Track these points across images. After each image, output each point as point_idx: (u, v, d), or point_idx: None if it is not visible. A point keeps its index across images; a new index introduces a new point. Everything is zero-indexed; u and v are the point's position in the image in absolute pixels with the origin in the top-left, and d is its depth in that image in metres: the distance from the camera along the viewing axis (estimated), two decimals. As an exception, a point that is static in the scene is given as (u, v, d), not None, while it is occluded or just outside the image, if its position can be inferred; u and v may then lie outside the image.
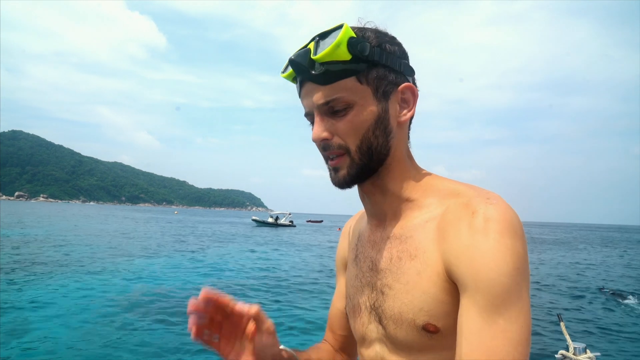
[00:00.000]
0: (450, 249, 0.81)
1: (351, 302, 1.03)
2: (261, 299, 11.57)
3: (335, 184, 0.93)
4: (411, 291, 0.86)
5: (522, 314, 0.73)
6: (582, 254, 32.50)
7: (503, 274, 0.74)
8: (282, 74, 0.95)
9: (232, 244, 29.12)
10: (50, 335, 7.70)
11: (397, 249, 0.91)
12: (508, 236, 0.76)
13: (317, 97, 0.87)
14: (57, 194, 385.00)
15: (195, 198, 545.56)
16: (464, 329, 0.76)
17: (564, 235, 75.46)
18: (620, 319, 11.54)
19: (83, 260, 17.17)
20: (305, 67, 0.86)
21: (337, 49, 0.83)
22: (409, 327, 0.86)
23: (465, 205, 0.84)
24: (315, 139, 0.89)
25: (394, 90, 0.91)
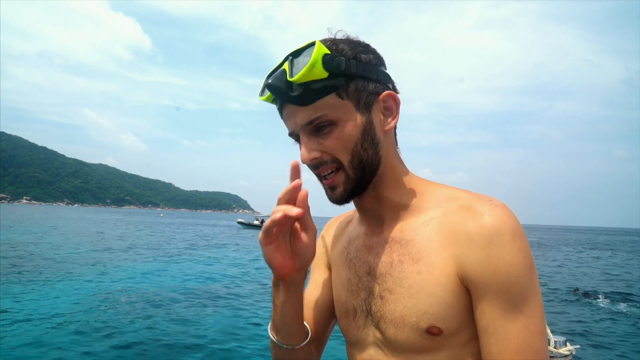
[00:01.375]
0: (464, 253, 0.82)
1: (343, 305, 1.02)
2: (247, 299, 11.39)
3: (333, 202, 0.93)
4: (415, 295, 0.86)
5: (538, 307, 0.80)
6: (560, 255, 32.93)
7: (521, 275, 0.79)
8: (261, 97, 0.94)
9: (217, 247, 28.78)
10: (22, 342, 7.47)
11: (397, 253, 0.91)
12: (518, 237, 0.80)
13: (300, 118, 0.86)
14: (41, 196, 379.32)
15: (182, 200, 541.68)
16: (491, 329, 0.80)
17: (547, 237, 76.36)
18: (592, 316, 12.07)
19: (62, 264, 16.82)
20: (284, 90, 0.85)
21: (313, 69, 0.82)
22: (412, 330, 0.86)
23: (468, 208, 0.85)
24: (305, 160, 0.87)
25: (376, 100, 0.91)
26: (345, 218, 1.16)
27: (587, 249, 43.85)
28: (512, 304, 0.79)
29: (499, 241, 0.79)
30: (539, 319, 0.80)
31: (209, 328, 8.82)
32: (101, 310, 9.86)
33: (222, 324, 9.15)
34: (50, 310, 9.74)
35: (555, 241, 60.26)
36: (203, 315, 9.92)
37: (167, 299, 11.38)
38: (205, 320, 9.43)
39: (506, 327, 0.79)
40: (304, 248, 0.92)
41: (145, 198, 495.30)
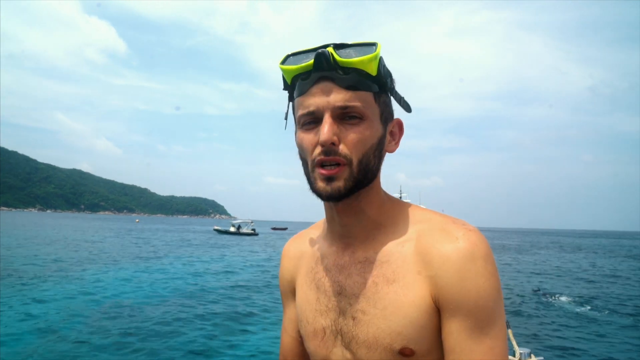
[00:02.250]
0: (438, 274, 0.84)
1: (310, 325, 1.00)
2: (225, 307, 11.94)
3: (322, 194, 0.88)
4: (389, 316, 0.86)
5: (502, 329, 0.83)
6: (529, 257, 34.32)
7: (490, 299, 0.82)
8: (284, 64, 0.91)
9: (193, 254, 29.24)
10: None
11: (371, 274, 0.91)
12: (490, 262, 0.83)
13: (337, 98, 0.85)
14: (11, 203, 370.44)
15: (157, 206, 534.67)
16: (457, 349, 0.82)
17: (514, 240, 78.28)
18: (556, 318, 12.53)
19: (36, 271, 17.13)
20: (332, 65, 0.84)
21: (372, 61, 0.84)
22: (384, 351, 0.86)
23: (442, 230, 0.87)
24: (327, 139, 0.84)
25: (391, 120, 0.95)
26: (306, 237, 1.13)
27: (563, 252, 45.29)
28: (479, 326, 0.81)
29: (472, 265, 0.82)
30: (503, 341, 0.82)
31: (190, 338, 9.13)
32: (79, 318, 10.31)
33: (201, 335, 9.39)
34: (25, 318, 10.15)
35: (530, 244, 62.05)
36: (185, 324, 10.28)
37: (145, 308, 11.91)
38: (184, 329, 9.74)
39: (472, 348, 0.80)
40: None
41: (120, 204, 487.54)
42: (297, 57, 0.90)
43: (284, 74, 0.93)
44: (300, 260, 1.11)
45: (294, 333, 1.13)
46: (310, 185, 0.91)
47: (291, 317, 1.15)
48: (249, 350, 8.50)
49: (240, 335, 9.52)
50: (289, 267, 1.14)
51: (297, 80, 0.91)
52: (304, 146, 0.90)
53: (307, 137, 0.89)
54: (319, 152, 0.86)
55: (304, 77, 0.88)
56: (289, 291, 1.15)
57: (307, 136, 0.89)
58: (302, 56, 0.89)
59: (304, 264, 1.08)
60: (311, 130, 0.88)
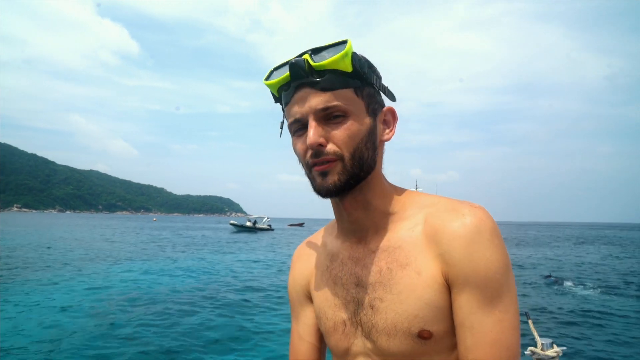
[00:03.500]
0: (447, 251, 0.86)
1: (330, 320, 1.02)
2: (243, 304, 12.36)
3: (321, 190, 0.91)
4: (405, 300, 0.88)
5: (513, 304, 0.84)
6: (544, 250, 34.54)
7: (498, 272, 0.83)
8: (266, 81, 0.95)
9: (211, 250, 29.91)
10: (25, 346, 7.81)
11: (385, 261, 0.93)
12: (497, 237, 0.85)
13: (316, 102, 0.87)
14: (32, 204, 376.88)
15: (174, 205, 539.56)
16: (467, 323, 0.83)
17: (538, 234, 77.77)
18: (569, 304, 12.38)
19: (65, 268, 17.61)
20: (307, 72, 0.87)
21: (344, 59, 0.86)
22: (404, 336, 0.88)
23: (450, 210, 0.90)
24: (312, 143, 0.87)
25: (380, 110, 0.97)
26: (316, 241, 1.15)
27: (577, 245, 44.68)
28: (488, 299, 0.82)
29: (479, 239, 0.84)
30: (513, 314, 0.83)
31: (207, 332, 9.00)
32: (103, 313, 10.24)
33: (222, 329, 9.25)
34: (49, 314, 10.06)
35: (548, 238, 61.83)
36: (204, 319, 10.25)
37: (171, 303, 12.31)
38: (204, 324, 9.59)
39: (481, 321, 0.82)
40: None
41: (137, 203, 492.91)
42: (278, 70, 0.93)
43: (270, 90, 0.97)
44: (312, 263, 1.12)
45: (312, 339, 1.12)
46: (312, 186, 0.94)
47: (307, 322, 1.13)
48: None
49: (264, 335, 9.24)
50: (302, 272, 1.15)
51: (281, 91, 0.94)
52: (298, 151, 0.94)
53: (299, 142, 0.93)
54: (310, 155, 0.90)
55: (285, 87, 0.92)
56: (303, 296, 1.14)
57: (299, 141, 0.93)
58: (283, 69, 0.92)
59: (319, 265, 1.09)
60: (301, 136, 0.92)
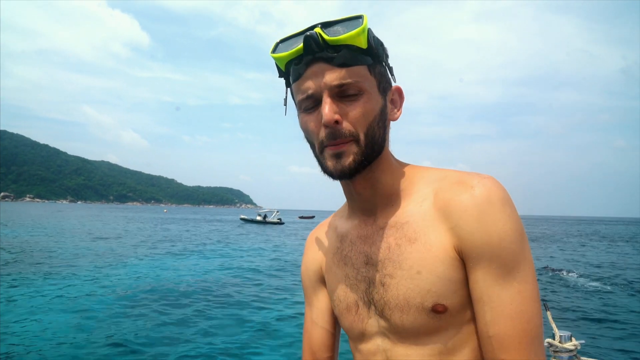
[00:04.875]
0: (458, 224, 0.84)
1: (343, 302, 1.01)
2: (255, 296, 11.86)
3: (335, 172, 0.89)
4: (416, 275, 0.87)
5: (530, 273, 0.81)
6: (552, 246, 33.33)
7: (512, 241, 0.80)
8: (275, 53, 0.91)
9: (221, 243, 29.41)
10: (38, 335, 7.85)
11: (393, 237, 0.92)
12: (508, 205, 0.83)
13: (332, 77, 0.85)
14: (44, 194, 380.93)
15: (184, 196, 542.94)
16: (485, 297, 0.81)
17: (552, 229, 76.56)
18: (571, 296, 12.23)
19: (75, 259, 17.29)
20: (321, 46, 0.84)
21: (361, 35, 0.84)
22: (417, 311, 0.87)
23: (459, 183, 0.88)
24: (329, 120, 0.84)
25: (389, 89, 0.95)
26: (327, 225, 1.16)
27: (593, 241, 44.05)
28: (505, 270, 0.80)
29: (489, 209, 0.82)
30: (532, 284, 0.81)
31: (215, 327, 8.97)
32: (118, 304, 10.28)
33: (229, 324, 9.24)
34: (62, 304, 10.13)
35: (560, 234, 60.60)
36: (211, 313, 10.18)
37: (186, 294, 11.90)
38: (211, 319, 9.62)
39: (499, 294, 0.80)
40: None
41: (148, 194, 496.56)
42: (286, 43, 0.90)
43: (276, 62, 0.93)
44: (325, 246, 1.12)
45: (326, 324, 1.12)
46: (321, 167, 0.92)
47: (321, 308, 1.13)
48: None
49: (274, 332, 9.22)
50: (314, 257, 1.15)
51: (290, 65, 0.90)
52: (309, 129, 0.91)
53: (310, 119, 0.90)
54: (325, 135, 0.87)
55: (297, 61, 0.88)
56: (317, 280, 1.14)
57: (310, 118, 0.90)
58: (292, 41, 0.89)
59: (330, 248, 1.09)
60: (313, 112, 0.89)
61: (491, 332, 0.81)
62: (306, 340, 1.16)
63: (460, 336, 0.87)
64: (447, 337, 0.87)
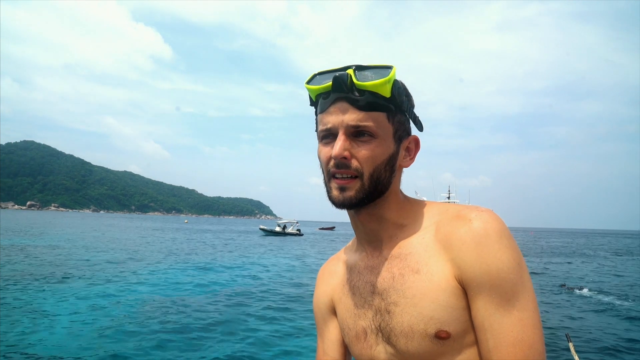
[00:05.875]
0: (458, 256, 0.89)
1: (352, 330, 1.06)
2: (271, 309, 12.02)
3: (337, 202, 0.97)
4: (419, 303, 0.91)
5: (530, 301, 0.85)
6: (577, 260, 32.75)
7: (510, 272, 0.84)
8: (309, 84, 1.00)
9: (242, 254, 29.73)
10: (58, 341, 8.14)
11: (397, 267, 0.97)
12: (505, 237, 0.87)
13: (351, 118, 0.92)
14: (68, 203, 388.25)
15: (205, 206, 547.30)
16: (486, 325, 0.85)
17: (577, 242, 75.07)
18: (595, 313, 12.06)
19: (100, 268, 17.81)
20: (348, 87, 0.92)
21: (386, 85, 0.92)
22: (421, 337, 0.90)
23: (457, 216, 0.94)
24: (338, 154, 0.92)
25: (405, 138, 1.02)
26: (337, 257, 1.22)
27: (619, 255, 43.10)
28: (504, 299, 0.84)
29: (487, 242, 0.86)
30: (532, 312, 0.84)
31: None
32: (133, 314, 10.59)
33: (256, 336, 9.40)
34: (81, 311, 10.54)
35: (582, 247, 59.39)
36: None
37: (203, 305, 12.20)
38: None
39: (500, 322, 0.83)
40: None
41: (169, 204, 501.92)
42: (322, 76, 0.99)
43: (309, 92, 1.02)
44: (335, 278, 1.17)
45: (336, 354, 1.16)
46: (327, 194, 1.00)
47: (332, 339, 1.17)
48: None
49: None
50: (325, 288, 1.20)
51: (319, 97, 0.99)
52: (322, 158, 1.00)
53: (324, 150, 0.98)
54: (332, 165, 0.96)
55: (325, 96, 0.97)
56: (327, 312, 1.19)
57: (324, 149, 0.98)
58: (325, 76, 0.97)
59: (340, 279, 1.15)
60: (328, 144, 0.97)
61: (494, 359, 0.84)
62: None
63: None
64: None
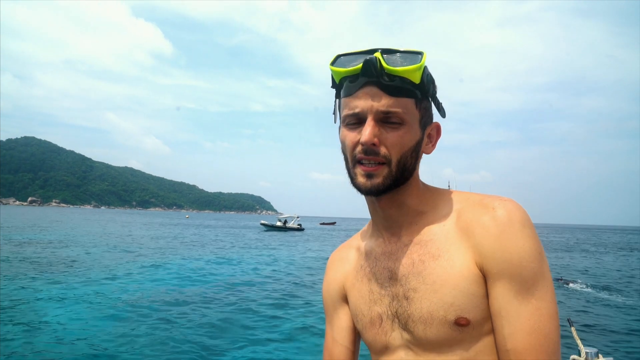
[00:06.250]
0: (480, 243, 0.88)
1: (367, 316, 1.04)
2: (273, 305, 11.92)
3: (363, 189, 0.95)
4: (439, 289, 0.90)
5: (549, 291, 0.85)
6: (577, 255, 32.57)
7: (531, 260, 0.84)
8: (335, 66, 0.96)
9: (243, 249, 29.58)
10: (62, 334, 8.08)
11: (417, 254, 0.96)
12: (528, 226, 0.87)
13: (381, 103, 0.90)
14: (69, 199, 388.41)
15: (206, 202, 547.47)
16: (503, 312, 0.85)
17: (582, 237, 74.89)
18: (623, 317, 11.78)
19: (105, 262, 17.67)
20: (379, 72, 0.89)
21: (417, 71, 0.90)
22: (440, 324, 0.90)
23: (480, 204, 0.93)
24: (367, 141, 0.90)
25: (429, 124, 1.01)
26: (350, 244, 1.20)
27: (617, 250, 42.93)
28: (524, 287, 0.84)
29: (510, 230, 0.86)
30: (550, 302, 0.84)
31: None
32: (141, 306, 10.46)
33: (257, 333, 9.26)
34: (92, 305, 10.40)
35: (583, 242, 59.17)
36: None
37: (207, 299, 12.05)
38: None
39: (518, 309, 0.83)
40: None
41: (169, 200, 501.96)
42: (347, 58, 0.95)
43: (333, 74, 0.99)
44: (347, 264, 1.16)
45: (346, 342, 1.14)
46: (351, 180, 0.98)
47: (342, 326, 1.16)
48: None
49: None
50: (336, 275, 1.18)
51: (344, 81, 0.96)
52: (347, 143, 0.96)
53: (350, 135, 0.95)
54: (359, 150, 0.93)
55: (352, 79, 0.94)
56: (338, 299, 1.17)
57: (350, 134, 0.95)
58: (352, 58, 0.94)
59: (353, 266, 1.13)
60: (354, 129, 0.94)
61: (509, 346, 0.83)
62: (326, 357, 1.18)
63: (481, 348, 0.89)
64: (469, 348, 0.90)
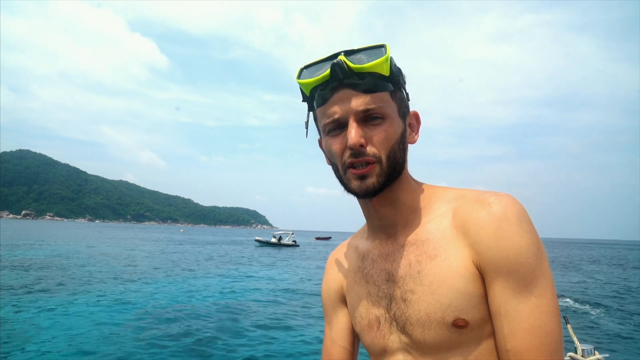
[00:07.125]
0: (477, 240, 0.86)
1: (365, 319, 1.03)
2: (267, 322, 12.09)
3: (359, 192, 0.94)
4: (437, 290, 0.88)
5: (549, 288, 0.82)
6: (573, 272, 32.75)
7: (529, 256, 0.82)
8: (302, 79, 0.95)
9: (237, 265, 29.60)
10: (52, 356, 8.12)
11: (414, 254, 0.94)
12: (525, 222, 0.84)
13: (357, 103, 0.89)
14: (63, 213, 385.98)
15: (200, 216, 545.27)
16: (502, 311, 0.82)
17: (562, 252, 75.13)
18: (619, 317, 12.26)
19: (98, 280, 17.58)
20: (347, 74, 0.88)
21: (385, 63, 0.89)
22: (438, 326, 0.88)
23: (476, 200, 0.91)
24: (355, 143, 0.88)
25: (408, 114, 1.00)
26: (348, 245, 1.18)
27: (611, 266, 43.17)
28: (522, 285, 0.81)
29: (506, 225, 0.84)
30: (550, 299, 0.81)
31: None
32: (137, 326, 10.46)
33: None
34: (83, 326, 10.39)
35: (577, 258, 59.33)
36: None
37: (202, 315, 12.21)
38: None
39: (517, 308, 0.81)
40: None
41: (164, 214, 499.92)
42: (312, 68, 0.94)
43: (302, 88, 0.97)
44: (345, 266, 1.15)
45: (345, 343, 1.13)
46: (344, 187, 0.96)
47: (341, 327, 1.15)
48: None
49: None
50: (334, 277, 1.18)
51: (315, 91, 0.94)
52: (334, 151, 0.94)
53: (335, 142, 0.93)
54: (348, 155, 0.91)
55: (322, 87, 0.92)
56: (337, 300, 1.17)
57: (335, 141, 0.93)
58: (317, 67, 0.93)
59: (351, 267, 1.12)
60: (337, 135, 0.93)
61: (509, 346, 0.81)
62: (325, 358, 1.16)
63: (480, 351, 0.87)
64: (468, 352, 0.87)
